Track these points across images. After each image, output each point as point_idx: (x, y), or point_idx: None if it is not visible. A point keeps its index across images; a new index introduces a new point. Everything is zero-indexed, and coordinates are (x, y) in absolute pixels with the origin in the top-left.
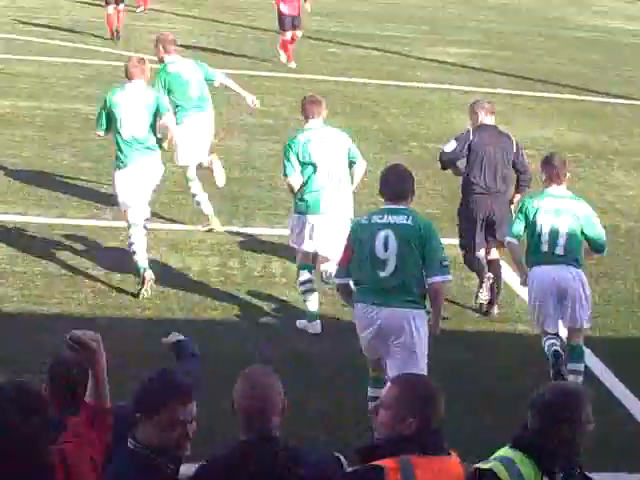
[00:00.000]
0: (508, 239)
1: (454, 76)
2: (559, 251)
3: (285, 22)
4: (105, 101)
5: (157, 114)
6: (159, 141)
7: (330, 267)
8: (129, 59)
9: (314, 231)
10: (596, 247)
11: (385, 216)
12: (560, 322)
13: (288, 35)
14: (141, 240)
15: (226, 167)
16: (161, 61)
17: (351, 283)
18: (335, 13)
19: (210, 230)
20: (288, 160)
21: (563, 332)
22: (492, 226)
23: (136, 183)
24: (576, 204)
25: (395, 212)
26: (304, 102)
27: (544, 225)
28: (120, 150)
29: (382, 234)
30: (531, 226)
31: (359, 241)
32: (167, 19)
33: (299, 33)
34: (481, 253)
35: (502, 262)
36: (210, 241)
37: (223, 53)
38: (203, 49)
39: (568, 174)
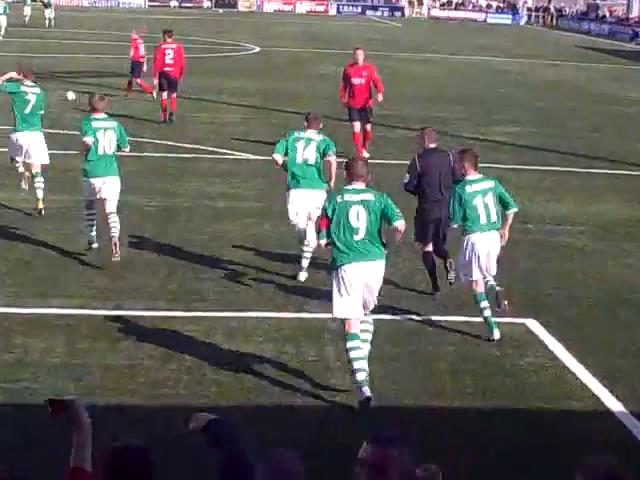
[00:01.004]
0: (455, 225)
1: (504, 155)
2: (492, 218)
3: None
4: None
5: None
6: None
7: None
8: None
9: None
10: (512, 206)
11: (356, 194)
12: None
13: (356, 127)
14: None
15: (278, 255)
16: None
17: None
18: (387, 96)
19: None
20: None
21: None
22: (439, 226)
23: None
24: (490, 182)
25: (362, 191)
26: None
27: (479, 204)
28: None
29: (354, 209)
30: (469, 206)
31: (335, 213)
32: (215, 108)
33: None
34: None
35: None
36: (264, 327)
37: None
38: (257, 142)
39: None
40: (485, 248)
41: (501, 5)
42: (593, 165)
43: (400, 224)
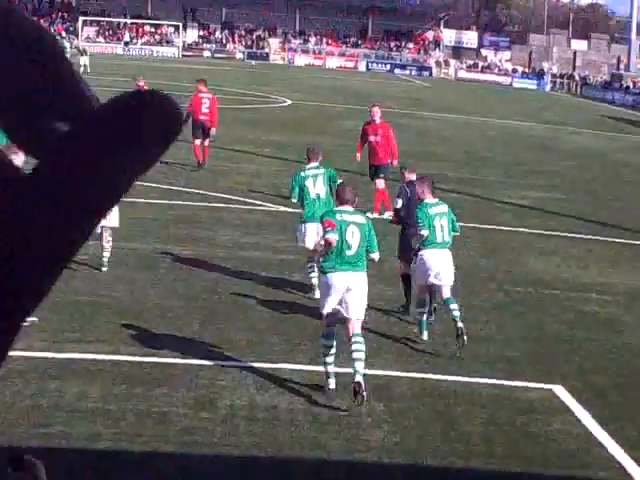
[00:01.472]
0: (425, 232)
1: (531, 220)
2: (446, 238)
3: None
4: None
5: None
6: None
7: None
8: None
9: None
10: (457, 230)
11: (351, 216)
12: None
13: (378, 184)
14: None
15: (312, 305)
16: None
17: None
18: (414, 156)
19: None
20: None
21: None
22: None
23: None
24: (444, 206)
25: (354, 213)
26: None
27: (437, 225)
28: None
29: (350, 228)
30: (430, 225)
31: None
32: (246, 159)
33: (379, 182)
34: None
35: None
36: (297, 378)
37: None
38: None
39: None
40: (438, 262)
41: (526, 70)
42: (619, 234)
43: (376, 256)
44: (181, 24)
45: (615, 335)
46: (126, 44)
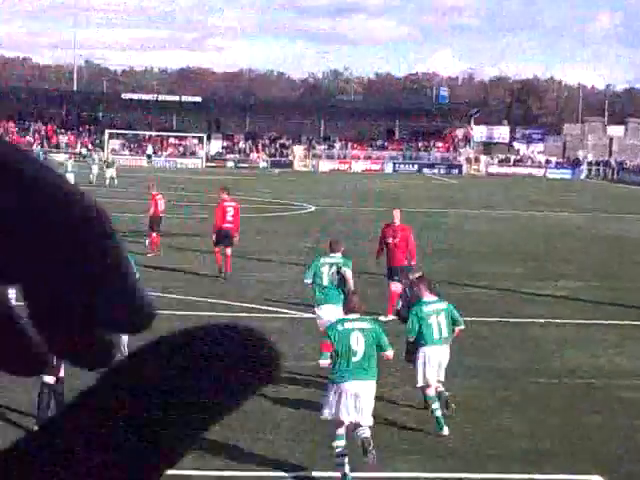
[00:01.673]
0: (411, 338)
1: (564, 310)
2: (444, 334)
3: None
4: None
5: None
6: None
7: None
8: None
9: None
10: (460, 324)
11: (354, 323)
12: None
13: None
14: None
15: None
16: None
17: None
18: (442, 253)
19: None
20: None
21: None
22: None
23: None
24: (442, 304)
25: (360, 320)
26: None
27: (433, 322)
28: None
29: (354, 334)
30: (424, 323)
31: (337, 338)
32: (269, 267)
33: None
34: None
35: None
36: None
37: None
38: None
39: None
40: (436, 359)
41: (560, 160)
42: None
43: (390, 353)
44: (205, 135)
45: None
46: (149, 157)
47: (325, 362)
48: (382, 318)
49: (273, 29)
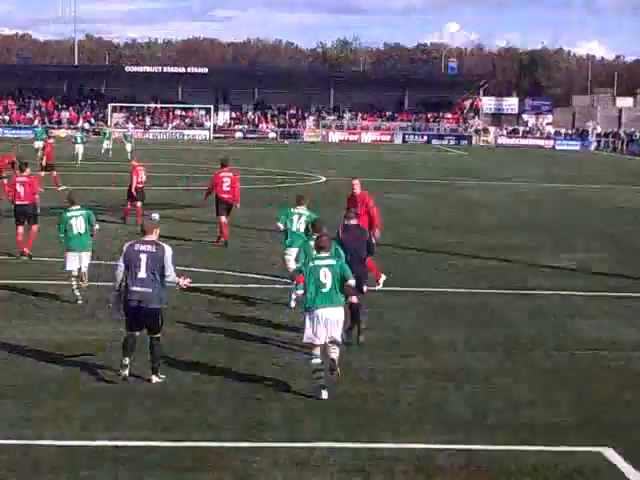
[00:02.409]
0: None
1: (577, 282)
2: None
3: None
4: None
5: None
6: None
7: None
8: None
9: None
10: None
11: (323, 260)
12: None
13: None
14: None
15: (347, 381)
16: None
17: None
18: (456, 226)
19: None
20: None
21: None
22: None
23: None
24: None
25: (328, 258)
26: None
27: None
28: None
29: (323, 270)
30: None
31: (309, 273)
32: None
33: None
34: None
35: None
36: (333, 458)
37: None
38: None
39: None
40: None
41: (569, 132)
42: None
43: (352, 282)
44: (212, 107)
45: None
46: (146, 128)
47: (300, 292)
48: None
49: None
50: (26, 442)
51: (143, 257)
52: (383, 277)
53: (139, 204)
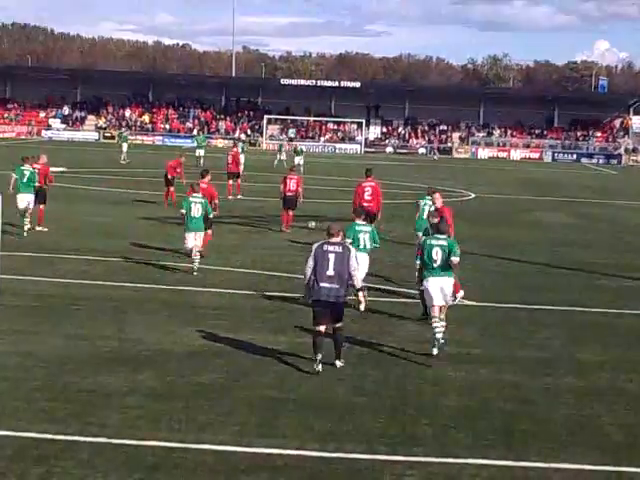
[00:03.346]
0: None
1: None
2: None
3: None
4: None
5: None
6: None
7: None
8: None
9: None
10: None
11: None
12: None
13: None
14: None
15: (498, 398)
16: None
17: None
18: (606, 246)
19: None
20: None
21: None
22: None
23: None
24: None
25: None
26: None
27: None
28: None
29: (330, 255)
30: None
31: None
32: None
33: None
34: None
35: None
36: (484, 474)
37: None
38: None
39: None
40: None
41: None
42: None
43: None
44: (364, 121)
45: None
46: (290, 139)
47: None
48: None
49: (433, 15)
50: (186, 445)
51: (331, 257)
52: (461, 293)
53: (290, 212)
